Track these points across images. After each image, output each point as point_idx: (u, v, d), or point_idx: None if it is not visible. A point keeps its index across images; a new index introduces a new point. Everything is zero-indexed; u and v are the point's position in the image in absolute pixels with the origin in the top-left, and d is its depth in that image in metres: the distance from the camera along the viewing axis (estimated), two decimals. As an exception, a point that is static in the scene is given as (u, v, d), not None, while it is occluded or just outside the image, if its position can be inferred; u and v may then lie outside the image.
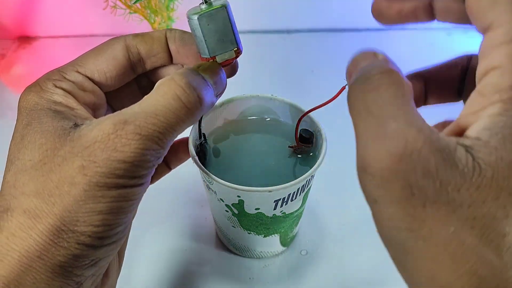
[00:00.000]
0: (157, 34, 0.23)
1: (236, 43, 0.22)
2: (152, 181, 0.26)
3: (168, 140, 0.18)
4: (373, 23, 0.20)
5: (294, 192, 0.27)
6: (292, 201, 0.28)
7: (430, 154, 0.13)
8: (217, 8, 0.20)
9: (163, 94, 0.18)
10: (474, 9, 0.15)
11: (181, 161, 0.28)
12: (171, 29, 0.23)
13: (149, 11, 0.54)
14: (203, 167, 0.27)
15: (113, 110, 0.24)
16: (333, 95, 0.23)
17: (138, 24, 0.55)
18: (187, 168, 0.30)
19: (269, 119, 0.33)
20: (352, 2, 0.62)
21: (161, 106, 0.18)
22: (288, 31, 0.65)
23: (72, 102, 0.20)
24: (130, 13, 0.53)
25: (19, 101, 0.20)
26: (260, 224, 0.29)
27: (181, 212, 0.39)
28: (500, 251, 0.13)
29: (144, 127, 0.17)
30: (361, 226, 0.19)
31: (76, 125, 0.18)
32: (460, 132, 0.14)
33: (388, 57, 0.16)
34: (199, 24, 0.20)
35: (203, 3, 0.21)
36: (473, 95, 0.14)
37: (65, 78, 0.21)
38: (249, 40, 0.35)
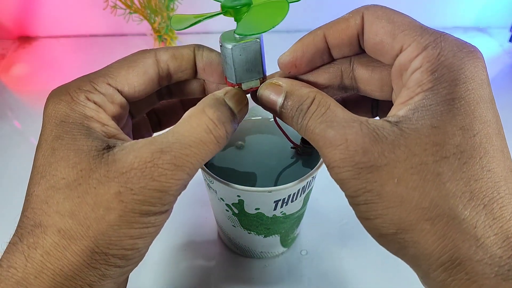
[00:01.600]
0: (186, 52, 0.23)
1: (263, 73, 0.22)
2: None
3: (197, 170, 0.19)
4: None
5: (295, 193, 0.27)
6: (293, 202, 0.28)
7: (364, 138, 0.17)
8: (252, 41, 0.21)
9: (196, 126, 0.19)
10: (381, 48, 0.19)
11: None
12: (199, 46, 0.23)
13: (149, 11, 0.54)
14: (204, 166, 0.27)
15: (131, 115, 0.24)
16: None
17: (138, 24, 0.55)
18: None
19: (272, 119, 0.33)
20: (352, 3, 0.62)
21: (194, 138, 0.19)
22: (288, 31, 0.65)
23: (103, 117, 0.20)
24: (130, 13, 0.53)
25: (46, 108, 0.20)
26: (260, 224, 0.29)
27: (181, 211, 0.39)
28: (438, 186, 0.16)
29: (180, 157, 0.18)
30: (361, 226, 0.19)
31: (108, 147, 0.18)
32: (392, 115, 0.18)
33: (287, 79, 0.21)
34: (232, 53, 0.21)
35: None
36: (402, 91, 0.18)
37: (96, 89, 0.20)
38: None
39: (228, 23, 0.22)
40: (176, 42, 0.60)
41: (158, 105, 0.27)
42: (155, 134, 0.28)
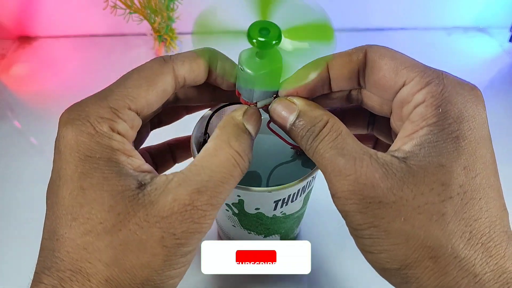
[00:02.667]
0: (203, 63, 0.22)
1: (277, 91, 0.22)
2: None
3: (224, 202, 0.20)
4: (373, 23, 0.20)
5: (295, 193, 0.27)
6: (293, 202, 0.28)
7: (375, 173, 0.17)
8: (275, 67, 0.20)
9: (225, 160, 0.19)
10: (384, 83, 0.20)
11: (188, 157, 0.30)
12: (213, 54, 0.22)
13: (149, 11, 0.54)
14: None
15: None
16: None
17: (138, 24, 0.55)
18: (187, 165, 0.30)
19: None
20: (352, 2, 0.62)
21: (224, 174, 0.19)
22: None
23: (128, 149, 0.19)
24: (130, 13, 0.53)
25: (63, 137, 0.18)
26: (260, 224, 0.29)
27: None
28: (442, 226, 0.17)
29: (215, 196, 0.18)
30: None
31: (141, 185, 0.18)
32: (397, 148, 0.19)
33: (302, 98, 0.21)
34: (255, 80, 0.20)
35: (258, 54, 0.20)
36: (406, 123, 0.19)
37: (119, 117, 0.19)
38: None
39: (227, 23, 0.22)
40: (176, 42, 0.60)
41: None
42: (153, 132, 0.28)
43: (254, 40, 0.19)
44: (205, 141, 0.29)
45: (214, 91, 0.25)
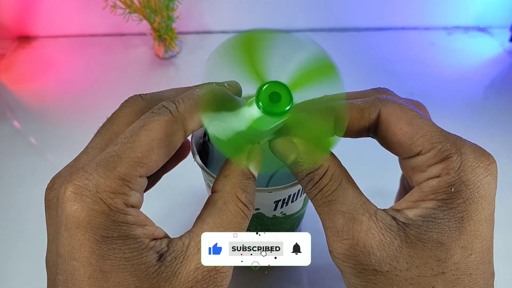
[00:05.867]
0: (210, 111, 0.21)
1: None
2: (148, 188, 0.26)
3: None
4: (373, 23, 0.20)
5: (295, 193, 0.27)
6: (293, 203, 0.28)
7: (371, 241, 0.18)
8: (282, 121, 0.20)
9: (235, 214, 0.19)
10: (398, 147, 0.20)
11: (173, 167, 0.27)
12: (220, 96, 0.21)
13: (148, 11, 0.54)
14: (204, 166, 0.27)
15: None
16: None
17: (137, 24, 0.55)
18: (187, 167, 0.30)
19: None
20: (352, 2, 0.62)
21: (237, 228, 0.19)
22: (288, 31, 0.65)
23: (142, 219, 0.18)
24: (129, 12, 0.53)
25: (72, 216, 0.17)
26: (260, 224, 0.29)
27: (181, 212, 0.39)
28: None
29: None
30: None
31: (160, 256, 0.18)
32: (400, 209, 0.19)
33: (303, 141, 0.20)
34: (262, 133, 0.20)
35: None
36: (415, 189, 0.19)
37: (131, 188, 0.18)
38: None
39: (228, 22, 0.22)
40: (176, 42, 0.60)
41: None
42: None
43: (264, 109, 0.18)
44: (204, 143, 0.29)
45: None
